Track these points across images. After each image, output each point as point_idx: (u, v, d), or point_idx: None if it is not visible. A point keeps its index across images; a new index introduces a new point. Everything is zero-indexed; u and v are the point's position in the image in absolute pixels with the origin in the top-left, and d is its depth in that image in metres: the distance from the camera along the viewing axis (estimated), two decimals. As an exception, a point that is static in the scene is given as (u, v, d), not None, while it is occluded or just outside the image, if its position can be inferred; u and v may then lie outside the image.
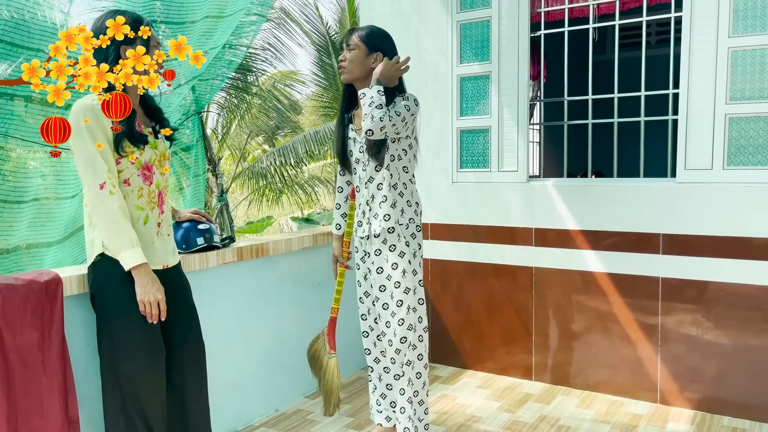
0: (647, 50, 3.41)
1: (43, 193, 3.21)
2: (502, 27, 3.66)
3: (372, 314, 2.84)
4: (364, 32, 2.63)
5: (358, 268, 2.83)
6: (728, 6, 3.02)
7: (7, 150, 3.00)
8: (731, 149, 3.08)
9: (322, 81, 12.69)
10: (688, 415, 3.20)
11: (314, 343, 3.06)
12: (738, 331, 3.11)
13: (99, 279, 2.21)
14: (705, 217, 3.14)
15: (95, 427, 2.40)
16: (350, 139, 2.74)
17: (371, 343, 2.88)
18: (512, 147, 3.68)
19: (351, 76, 2.64)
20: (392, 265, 2.64)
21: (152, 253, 2.25)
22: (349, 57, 2.62)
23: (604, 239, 3.42)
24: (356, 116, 2.75)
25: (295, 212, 13.43)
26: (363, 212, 2.73)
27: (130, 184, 2.21)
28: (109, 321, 2.20)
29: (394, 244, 2.65)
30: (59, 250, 3.37)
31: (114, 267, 2.16)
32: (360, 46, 2.60)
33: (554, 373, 3.64)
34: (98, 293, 2.22)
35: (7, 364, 2.02)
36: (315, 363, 3.04)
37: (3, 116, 2.81)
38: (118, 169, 2.19)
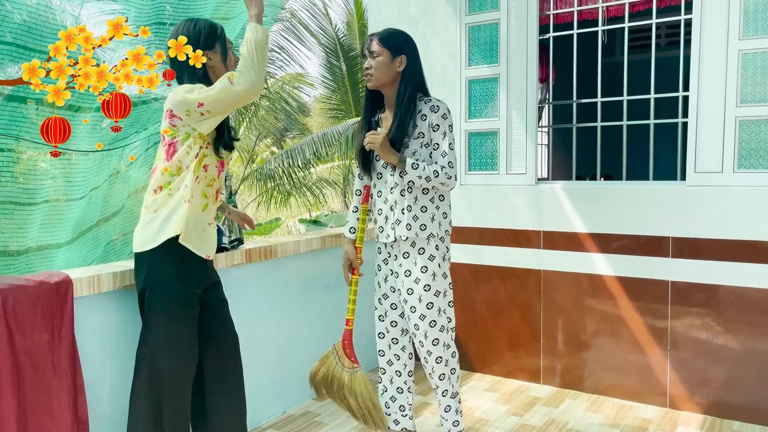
0: (657, 52, 3.40)
1: (53, 195, 3.23)
2: (510, 29, 3.65)
3: (389, 317, 2.81)
4: (385, 36, 2.62)
5: (379, 269, 2.80)
6: (738, 8, 3.00)
7: (17, 152, 3.02)
8: (741, 152, 3.06)
9: (330, 83, 12.72)
10: (697, 419, 3.17)
11: (322, 364, 2.85)
12: (748, 335, 3.08)
13: (153, 274, 2.28)
14: (715, 220, 3.13)
15: (104, 428, 2.41)
16: None
17: (386, 345, 2.86)
18: (521, 149, 3.67)
19: (378, 83, 2.62)
20: (421, 268, 2.63)
21: (204, 240, 2.36)
22: (374, 64, 2.59)
23: (613, 242, 3.41)
24: (383, 119, 2.72)
25: (303, 214, 13.45)
26: (386, 217, 2.70)
27: (207, 171, 2.34)
28: (156, 316, 2.28)
29: (423, 248, 2.64)
30: (69, 251, 3.39)
31: (169, 263, 2.27)
32: (383, 52, 2.58)
33: (562, 377, 3.62)
34: (150, 288, 2.29)
35: (18, 364, 2.03)
36: (331, 387, 2.83)
37: (14, 119, 2.83)
38: (205, 153, 2.32)
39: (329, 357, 2.85)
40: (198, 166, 2.31)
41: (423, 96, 2.65)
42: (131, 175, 3.78)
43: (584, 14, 3.67)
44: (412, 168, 2.53)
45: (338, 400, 2.83)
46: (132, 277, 2.46)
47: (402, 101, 2.59)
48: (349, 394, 2.78)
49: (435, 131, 2.59)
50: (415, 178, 2.54)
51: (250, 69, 2.17)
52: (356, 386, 2.78)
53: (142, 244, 2.29)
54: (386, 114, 2.71)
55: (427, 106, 2.61)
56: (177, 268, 2.29)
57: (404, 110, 2.59)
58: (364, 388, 2.77)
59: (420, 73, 2.67)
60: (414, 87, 2.61)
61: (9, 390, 1.99)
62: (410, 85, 2.60)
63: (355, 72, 12.40)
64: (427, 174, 2.54)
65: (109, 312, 2.44)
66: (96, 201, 3.51)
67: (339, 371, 2.80)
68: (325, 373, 2.83)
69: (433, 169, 2.55)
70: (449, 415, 2.82)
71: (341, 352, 2.83)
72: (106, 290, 2.39)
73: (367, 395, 2.77)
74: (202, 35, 2.33)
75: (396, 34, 2.66)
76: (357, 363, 2.80)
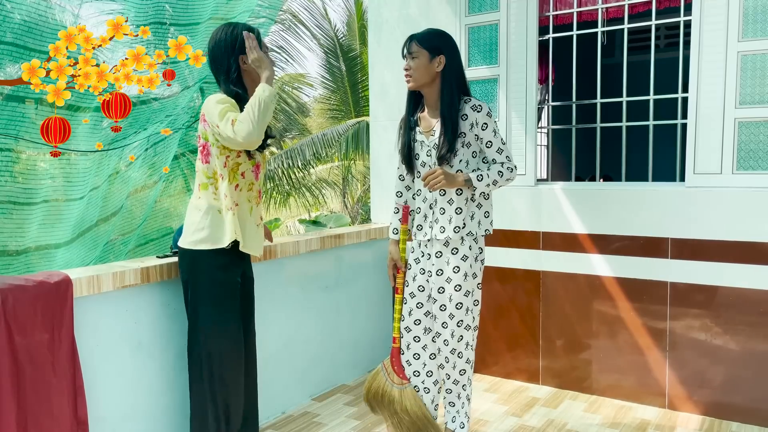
0: (656, 54, 3.41)
1: (53, 195, 3.23)
2: (510, 30, 3.66)
3: (413, 315, 2.79)
4: (423, 37, 2.62)
5: (410, 268, 2.80)
6: (738, 10, 3.01)
7: (17, 152, 3.02)
8: (741, 153, 3.07)
9: (330, 84, 12.72)
10: (696, 420, 3.18)
11: (373, 381, 2.89)
12: (747, 336, 3.09)
13: (199, 265, 2.40)
14: (714, 221, 3.13)
15: (104, 428, 2.41)
16: (417, 143, 2.72)
17: (410, 340, 2.82)
18: (520, 150, 3.68)
19: (418, 83, 2.63)
20: (453, 268, 2.64)
21: (253, 240, 2.49)
22: (413, 65, 2.60)
23: (612, 243, 3.41)
24: (422, 119, 2.73)
25: (303, 215, 13.44)
26: (425, 216, 2.71)
27: (245, 177, 2.44)
28: (207, 307, 2.41)
29: (457, 248, 2.65)
30: (68, 251, 3.40)
31: (213, 255, 2.39)
32: (422, 53, 2.59)
33: (561, 378, 3.63)
34: (194, 279, 2.41)
35: (17, 364, 2.03)
36: (382, 402, 2.86)
37: (14, 119, 2.83)
38: (238, 161, 2.41)
39: (379, 374, 2.88)
40: (233, 174, 2.41)
41: (462, 96, 2.65)
42: (130, 175, 3.78)
43: (584, 15, 3.67)
44: (478, 181, 2.55)
45: (388, 415, 2.85)
46: (131, 278, 2.48)
47: (448, 107, 2.59)
48: (401, 410, 2.80)
49: (484, 129, 2.60)
50: (483, 188, 2.57)
51: (249, 121, 2.23)
52: (406, 402, 2.80)
53: (195, 243, 2.40)
54: (425, 114, 2.72)
55: (467, 105, 2.61)
56: (221, 259, 2.41)
57: (452, 119, 2.58)
58: (415, 404, 2.79)
59: (461, 73, 2.66)
60: (455, 87, 2.61)
61: (9, 390, 1.99)
62: (452, 86, 2.60)
63: (354, 72, 12.40)
64: (494, 179, 2.57)
65: (108, 312, 2.44)
66: (95, 201, 3.52)
67: (389, 387, 2.83)
68: (376, 389, 2.86)
69: (497, 170, 2.59)
70: (459, 417, 2.83)
71: (390, 369, 2.85)
72: (106, 290, 2.39)
73: (419, 410, 2.79)
74: (239, 39, 2.38)
75: (435, 33, 2.66)
76: (406, 379, 2.82)
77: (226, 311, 2.44)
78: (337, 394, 3.61)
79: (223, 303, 2.43)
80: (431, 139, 2.65)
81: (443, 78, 2.61)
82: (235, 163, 2.40)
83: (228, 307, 2.45)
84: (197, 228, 2.40)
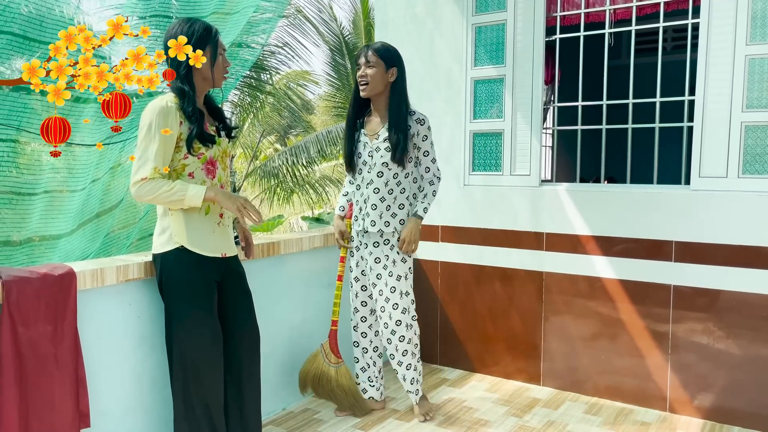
0: (663, 56, 3.39)
1: (55, 186, 3.24)
2: (517, 30, 3.65)
3: (359, 297, 3.21)
4: (380, 49, 2.92)
5: (352, 255, 3.17)
6: (746, 13, 3.00)
7: (21, 144, 3.02)
8: (747, 157, 3.06)
9: (335, 81, 12.71)
10: (697, 424, 3.17)
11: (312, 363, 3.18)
12: (750, 340, 3.08)
13: (168, 265, 2.37)
14: (718, 225, 3.12)
15: (105, 420, 2.41)
16: (360, 143, 3.03)
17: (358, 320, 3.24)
18: (525, 151, 3.67)
19: (372, 91, 2.92)
20: (385, 256, 3.04)
21: (212, 242, 2.43)
22: (370, 73, 2.89)
23: (616, 245, 3.41)
24: (367, 123, 3.04)
25: (306, 212, 13.45)
26: (360, 209, 3.08)
27: (194, 177, 2.38)
28: (176, 306, 2.37)
29: (389, 239, 3.04)
30: (69, 242, 3.40)
31: (183, 253, 2.36)
32: (379, 63, 2.89)
33: (562, 379, 3.62)
34: (167, 279, 2.38)
35: (20, 356, 2.03)
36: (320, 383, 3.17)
37: (16, 110, 2.83)
38: (184, 163, 2.36)
39: (318, 356, 3.19)
40: (178, 176, 2.36)
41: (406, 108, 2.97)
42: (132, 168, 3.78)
43: (591, 16, 3.66)
44: (425, 213, 3.04)
45: (326, 395, 3.19)
46: (135, 272, 2.48)
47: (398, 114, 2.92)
48: (337, 386, 3.15)
49: (424, 141, 2.99)
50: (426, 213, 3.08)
51: (153, 193, 2.26)
52: (342, 379, 3.16)
53: (156, 248, 2.42)
54: (372, 119, 3.04)
55: (412, 117, 2.96)
56: (187, 257, 2.38)
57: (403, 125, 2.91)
58: (350, 381, 3.18)
59: (405, 86, 2.99)
60: (402, 98, 2.95)
61: (11, 381, 2.00)
62: (400, 96, 2.94)
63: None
64: (430, 199, 3.04)
65: (111, 306, 2.44)
66: (96, 193, 3.52)
67: (326, 367, 3.16)
68: (315, 371, 3.17)
69: (432, 190, 3.05)
70: (413, 387, 3.17)
71: (328, 350, 3.19)
72: (109, 284, 2.39)
73: (353, 386, 3.19)
74: (195, 36, 2.35)
75: (390, 48, 2.99)
76: (341, 358, 3.19)
77: (197, 310, 2.39)
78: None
79: (193, 302, 2.38)
80: (375, 142, 2.97)
81: (393, 89, 2.94)
82: (181, 164, 2.36)
83: (199, 305, 2.39)
84: (159, 233, 2.41)
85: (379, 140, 2.95)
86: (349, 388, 3.17)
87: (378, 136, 2.96)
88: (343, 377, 3.18)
